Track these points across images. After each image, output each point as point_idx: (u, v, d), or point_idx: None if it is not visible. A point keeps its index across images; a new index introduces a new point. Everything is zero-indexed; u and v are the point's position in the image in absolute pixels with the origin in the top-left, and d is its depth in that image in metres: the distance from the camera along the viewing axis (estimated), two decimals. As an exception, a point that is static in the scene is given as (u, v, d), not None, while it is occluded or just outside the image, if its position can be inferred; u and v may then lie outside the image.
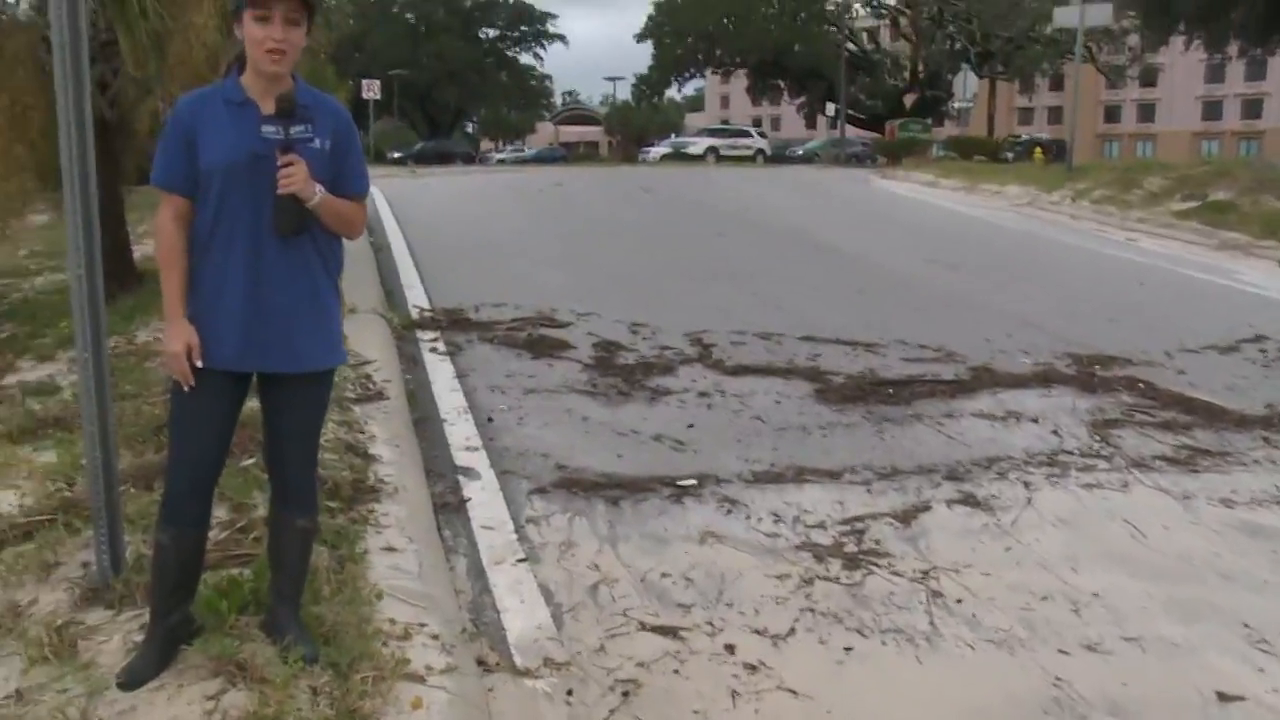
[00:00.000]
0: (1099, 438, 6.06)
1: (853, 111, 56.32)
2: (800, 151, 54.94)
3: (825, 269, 12.29)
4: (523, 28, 70.55)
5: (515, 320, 8.77)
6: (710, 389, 6.90)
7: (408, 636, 3.31)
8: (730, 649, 3.68)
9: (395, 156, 49.42)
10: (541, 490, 5.09)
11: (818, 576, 4.24)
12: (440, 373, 7.16)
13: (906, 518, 4.86)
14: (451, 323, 8.68)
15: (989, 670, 3.61)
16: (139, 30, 7.98)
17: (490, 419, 6.16)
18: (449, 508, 4.86)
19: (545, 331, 8.38)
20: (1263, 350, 8.31)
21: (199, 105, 2.99)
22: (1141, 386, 7.10)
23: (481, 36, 69.81)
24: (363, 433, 5.34)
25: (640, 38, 62.29)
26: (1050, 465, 5.61)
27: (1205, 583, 4.31)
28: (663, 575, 4.23)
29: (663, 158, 46.73)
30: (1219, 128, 79.78)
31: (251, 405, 3.18)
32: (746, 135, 51.19)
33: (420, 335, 8.22)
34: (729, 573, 4.26)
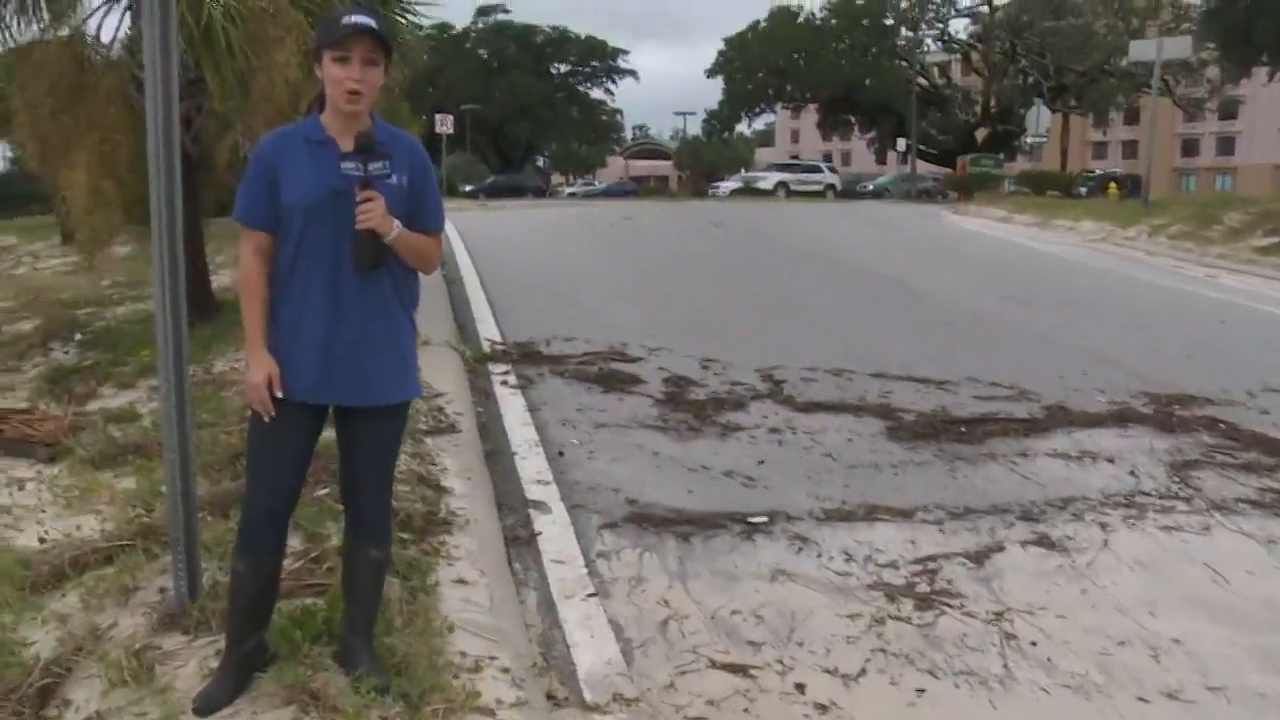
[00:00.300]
0: (1178, 479, 5.92)
1: (924, 146, 55.96)
2: (870, 187, 54.83)
3: (896, 305, 12.18)
4: (594, 63, 71.35)
5: (586, 354, 8.80)
6: (781, 425, 6.86)
7: (478, 669, 3.32)
8: (801, 688, 3.64)
9: (467, 190, 50.07)
10: (612, 525, 5.08)
11: (889, 616, 4.19)
12: (511, 406, 7.20)
13: (979, 558, 4.78)
14: (523, 356, 8.74)
15: (1065, 715, 3.54)
16: (225, 68, 8.22)
17: (561, 453, 6.18)
18: (520, 541, 4.88)
19: (616, 366, 8.39)
20: (1350, 391, 8.06)
21: (281, 143, 3.07)
22: (1222, 427, 6.92)
23: (553, 72, 70.69)
24: (435, 465, 5.39)
25: (711, 73, 62.49)
26: (1127, 506, 5.48)
27: (1292, 631, 4.18)
28: (733, 612, 4.21)
29: (733, 193, 46.75)
30: (1303, 161, 78.06)
31: (328, 435, 3.23)
32: (817, 170, 51.06)
33: (492, 368, 8.28)
34: (800, 611, 4.23)
